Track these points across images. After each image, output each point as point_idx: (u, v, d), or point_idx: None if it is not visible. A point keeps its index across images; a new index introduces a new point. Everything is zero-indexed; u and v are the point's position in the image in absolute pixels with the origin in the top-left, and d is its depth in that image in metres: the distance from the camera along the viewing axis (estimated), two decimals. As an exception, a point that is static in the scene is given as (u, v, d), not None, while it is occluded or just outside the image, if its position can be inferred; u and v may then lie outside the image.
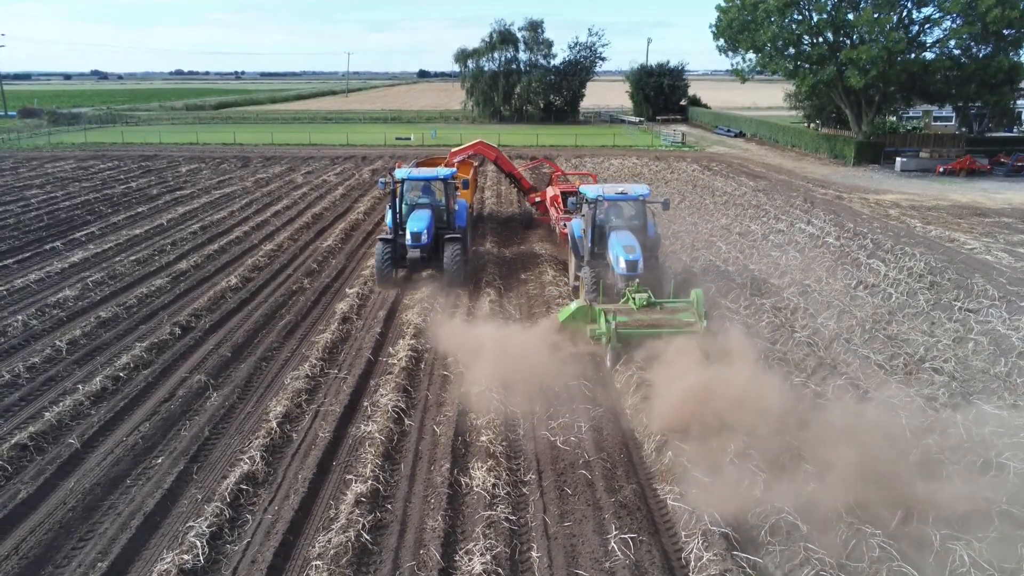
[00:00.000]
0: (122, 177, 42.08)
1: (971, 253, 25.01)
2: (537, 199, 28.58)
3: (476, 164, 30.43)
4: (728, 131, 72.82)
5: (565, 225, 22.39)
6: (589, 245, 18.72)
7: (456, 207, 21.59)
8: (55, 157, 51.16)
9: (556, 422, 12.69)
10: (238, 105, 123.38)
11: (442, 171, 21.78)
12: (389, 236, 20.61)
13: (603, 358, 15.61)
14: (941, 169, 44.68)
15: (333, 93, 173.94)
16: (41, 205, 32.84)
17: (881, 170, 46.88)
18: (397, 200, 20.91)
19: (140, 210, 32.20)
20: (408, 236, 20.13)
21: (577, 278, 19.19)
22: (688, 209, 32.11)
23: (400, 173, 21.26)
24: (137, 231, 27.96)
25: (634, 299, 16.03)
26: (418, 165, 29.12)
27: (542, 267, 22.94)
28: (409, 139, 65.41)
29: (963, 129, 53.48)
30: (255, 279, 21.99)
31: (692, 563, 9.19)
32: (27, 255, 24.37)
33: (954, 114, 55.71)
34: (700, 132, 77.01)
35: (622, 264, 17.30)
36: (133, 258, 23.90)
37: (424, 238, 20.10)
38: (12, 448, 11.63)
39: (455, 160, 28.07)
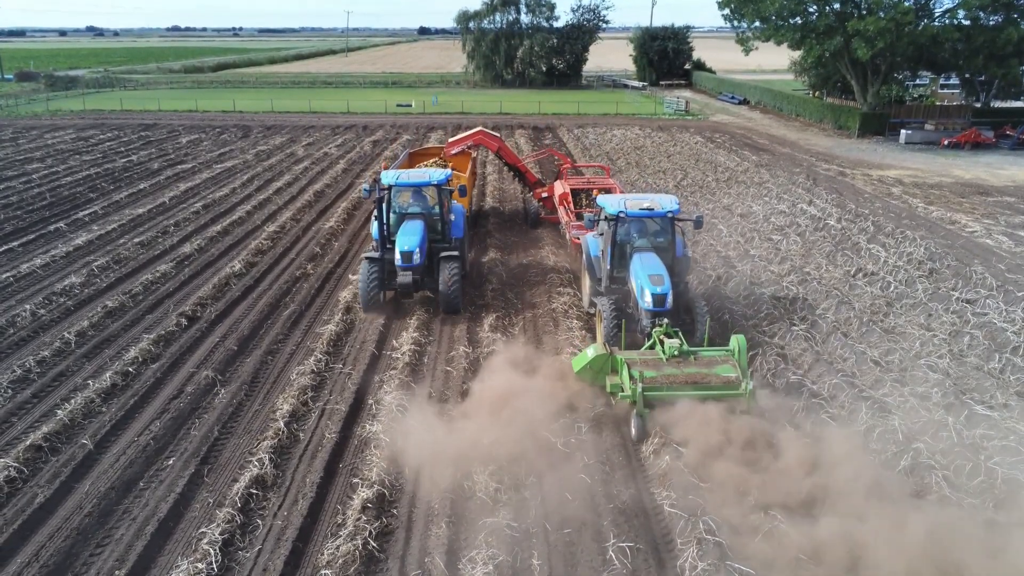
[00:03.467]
0: (122, 149, 41.91)
1: (972, 237, 25.07)
2: (544, 194, 26.17)
3: (474, 155, 27.72)
4: (732, 98, 72.10)
5: (577, 235, 20.43)
6: (608, 267, 16.26)
7: (452, 216, 19.10)
8: (54, 126, 50.86)
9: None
10: (237, 66, 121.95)
11: (435, 175, 18.86)
12: (375, 254, 17.91)
13: (620, 411, 13.26)
14: (946, 142, 44.39)
15: (333, 52, 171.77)
16: (43, 181, 32.84)
17: (885, 142, 46.57)
18: (384, 208, 18.13)
19: (142, 187, 32.19)
20: (398, 256, 17.38)
21: (592, 304, 16.84)
22: (691, 187, 32.06)
23: (387, 177, 18.46)
24: (140, 210, 28.03)
25: (662, 345, 13.72)
26: (411, 155, 27.84)
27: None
28: (410, 106, 64.87)
29: (970, 98, 52.88)
30: (259, 264, 22.16)
31: (687, 572, 9.53)
32: (31, 237, 24.51)
33: (960, 84, 54.96)
34: (704, 99, 76.25)
35: (648, 298, 14.63)
36: (137, 240, 24.03)
37: (416, 257, 17.36)
38: (27, 450, 11.95)
39: (452, 152, 25.97)
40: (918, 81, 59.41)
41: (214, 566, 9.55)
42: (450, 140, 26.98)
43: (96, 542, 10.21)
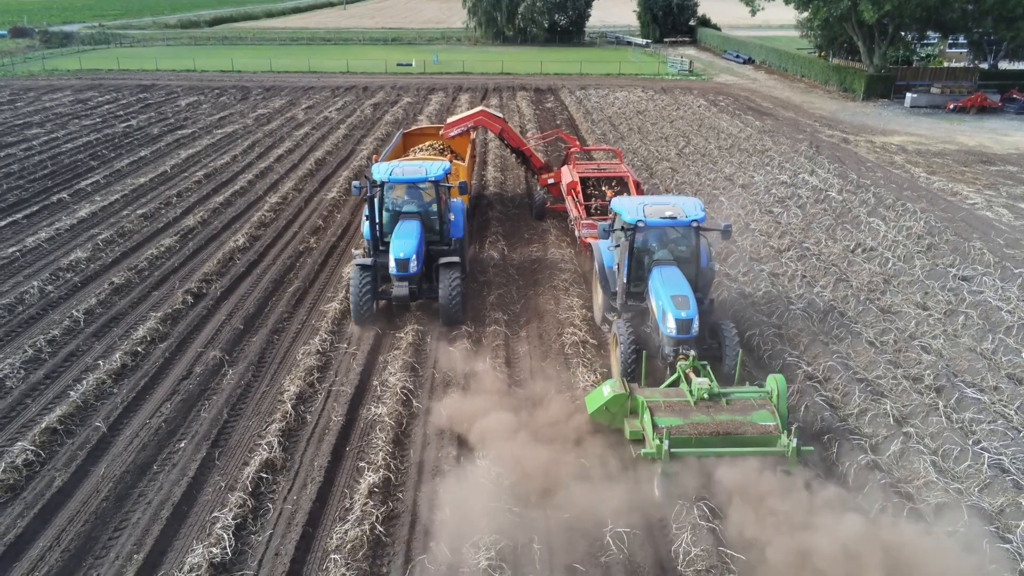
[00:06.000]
0: (121, 113, 41.62)
1: (972, 209, 25.12)
2: (550, 180, 23.95)
3: (474, 137, 25.30)
4: (737, 56, 71.07)
5: (588, 234, 19.12)
6: (624, 282, 14.55)
7: (451, 215, 17.49)
8: (52, 87, 50.37)
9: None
10: (233, 20, 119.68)
11: (432, 169, 16.92)
12: (367, 260, 16.33)
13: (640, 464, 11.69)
14: (951, 106, 43.98)
15: (331, 5, 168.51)
16: (43, 148, 32.73)
17: (890, 106, 46.17)
18: (376, 206, 16.53)
19: (143, 154, 32.10)
20: (392, 264, 15.86)
21: (606, 320, 15.55)
22: (693, 155, 31.93)
23: (378, 172, 16.54)
24: (141, 180, 28.04)
25: (688, 382, 12.19)
26: (404, 137, 26.24)
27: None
28: (410, 65, 64.07)
29: (978, 60, 52.13)
30: (262, 237, 22.30)
31: (681, 557, 9.95)
32: (35, 208, 24.61)
33: (968, 45, 54.11)
34: (708, 57, 75.16)
35: (671, 324, 13.04)
36: (140, 212, 24.13)
37: (413, 266, 15.85)
38: (43, 432, 12.32)
39: (451, 133, 23.79)
40: (925, 41, 58.47)
41: (228, 551, 9.96)
42: (449, 120, 24.86)
43: (114, 526, 10.63)
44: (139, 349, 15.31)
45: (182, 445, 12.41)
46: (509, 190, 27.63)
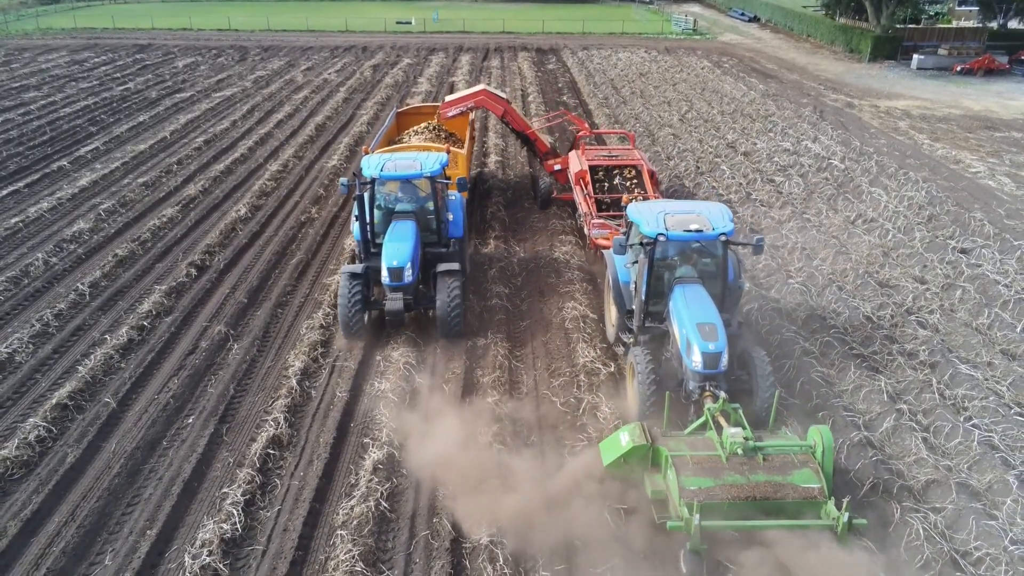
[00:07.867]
0: (118, 75, 41.18)
1: (975, 178, 25.07)
2: (556, 167, 22.17)
3: (473, 117, 23.53)
4: (742, 14, 69.90)
5: (599, 235, 17.84)
6: (643, 300, 12.72)
7: (450, 214, 15.94)
8: (47, 47, 49.73)
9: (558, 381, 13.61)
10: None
11: (428, 163, 15.31)
12: (358, 268, 14.96)
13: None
14: (958, 68, 43.46)
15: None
16: (41, 112, 32.52)
17: (897, 68, 45.63)
18: (367, 205, 15.05)
19: (142, 119, 31.88)
20: (385, 272, 14.38)
21: (620, 341, 13.82)
22: (695, 121, 31.69)
23: (368, 168, 15.07)
24: (141, 146, 27.92)
25: (718, 429, 10.61)
26: (398, 116, 24.64)
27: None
28: (410, 23, 63.16)
29: (987, 19, 51.27)
30: (263, 207, 22.33)
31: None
32: (36, 177, 24.56)
33: (977, 3, 53.18)
34: (713, 15, 73.91)
35: (696, 357, 11.41)
36: (141, 180, 24.13)
37: (408, 275, 14.36)
38: (54, 408, 12.57)
39: (449, 113, 21.95)
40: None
41: (238, 526, 10.27)
42: (447, 99, 23.01)
43: (127, 502, 10.93)
44: (145, 323, 15.50)
45: (190, 421, 12.67)
46: (511, 157, 27.50)
